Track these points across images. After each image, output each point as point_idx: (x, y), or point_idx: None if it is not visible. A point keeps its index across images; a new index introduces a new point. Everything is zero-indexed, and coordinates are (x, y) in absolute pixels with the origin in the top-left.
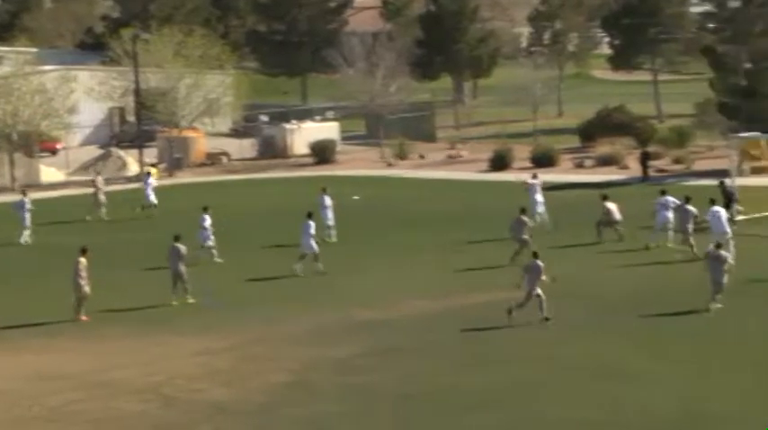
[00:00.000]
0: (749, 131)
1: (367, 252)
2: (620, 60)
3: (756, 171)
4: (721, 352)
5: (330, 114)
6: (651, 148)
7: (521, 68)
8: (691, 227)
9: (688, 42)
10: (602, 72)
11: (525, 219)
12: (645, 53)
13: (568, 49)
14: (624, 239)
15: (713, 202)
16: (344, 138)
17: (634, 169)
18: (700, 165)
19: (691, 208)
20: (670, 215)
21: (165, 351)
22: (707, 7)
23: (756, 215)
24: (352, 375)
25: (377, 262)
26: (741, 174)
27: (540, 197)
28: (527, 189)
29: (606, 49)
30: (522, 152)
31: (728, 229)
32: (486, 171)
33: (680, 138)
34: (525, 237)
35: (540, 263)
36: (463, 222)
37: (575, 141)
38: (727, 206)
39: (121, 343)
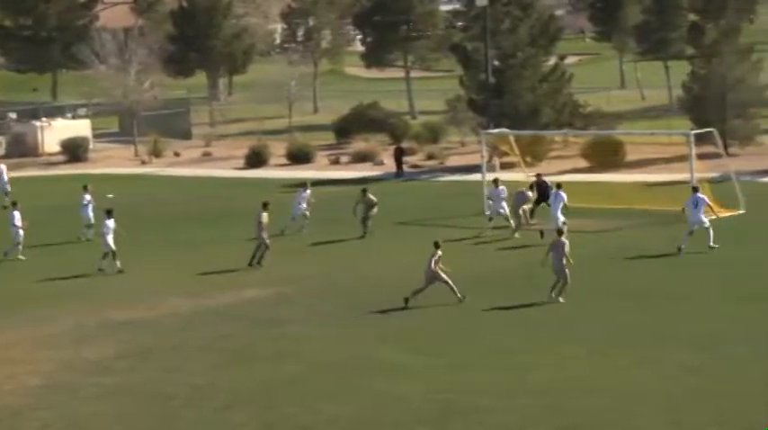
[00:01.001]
0: (498, 127)
1: (125, 251)
2: (372, 58)
3: (506, 166)
4: (474, 344)
5: (82, 111)
6: (405, 144)
7: (275, 65)
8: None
9: (438, 40)
10: (356, 69)
11: (264, 215)
12: (397, 50)
13: (322, 46)
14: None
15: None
16: (97, 136)
17: (389, 165)
18: (453, 161)
19: (528, 193)
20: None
21: None
22: (456, 5)
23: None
24: (108, 376)
25: (136, 261)
26: (492, 169)
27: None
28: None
29: (359, 47)
30: (278, 149)
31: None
32: (241, 168)
33: (432, 134)
34: (263, 234)
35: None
36: (220, 220)
37: (330, 138)
38: (539, 200)
39: None
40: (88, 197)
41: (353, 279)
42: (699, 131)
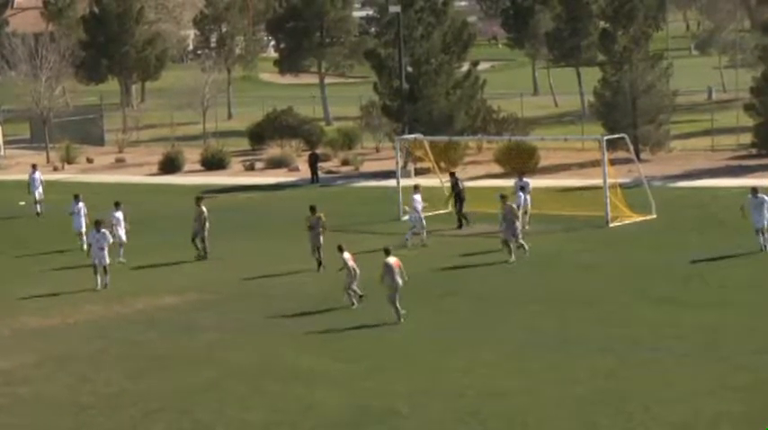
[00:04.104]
0: (413, 133)
1: (36, 260)
2: (286, 64)
3: (421, 172)
4: (389, 350)
5: None
6: (320, 150)
7: (189, 71)
8: None
9: (352, 46)
10: (270, 75)
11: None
12: (311, 57)
13: (236, 53)
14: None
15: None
16: (8, 142)
17: (304, 171)
18: (367, 167)
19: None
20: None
21: None
22: (369, 12)
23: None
24: (23, 385)
25: (50, 268)
26: (407, 174)
27: None
28: None
29: (273, 53)
30: (193, 155)
31: None
32: (155, 174)
33: (347, 140)
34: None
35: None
36: (135, 226)
37: (245, 144)
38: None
39: None
40: (119, 215)
41: (269, 285)
42: (611, 137)
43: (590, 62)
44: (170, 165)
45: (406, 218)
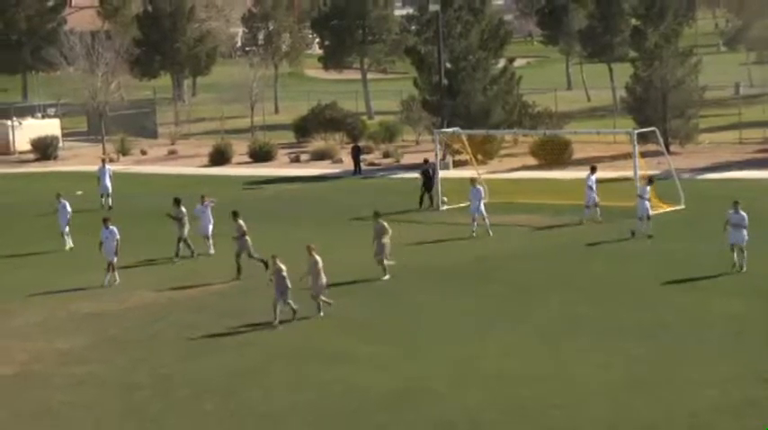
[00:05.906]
0: (451, 127)
1: (92, 246)
2: (330, 60)
3: (458, 164)
4: (428, 334)
5: (51, 111)
6: (362, 143)
7: (237, 67)
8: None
9: (393, 43)
10: (315, 71)
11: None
12: (354, 53)
13: (282, 49)
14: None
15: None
16: (66, 135)
17: (347, 163)
18: (408, 159)
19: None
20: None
21: None
22: (409, 10)
23: (460, 205)
24: (80, 366)
25: (101, 256)
26: (445, 167)
27: None
28: None
29: (318, 50)
30: (240, 148)
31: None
32: (205, 166)
33: (388, 133)
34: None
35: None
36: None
37: (290, 137)
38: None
39: None
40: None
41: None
42: (642, 131)
43: (622, 58)
44: (219, 157)
45: (445, 208)
